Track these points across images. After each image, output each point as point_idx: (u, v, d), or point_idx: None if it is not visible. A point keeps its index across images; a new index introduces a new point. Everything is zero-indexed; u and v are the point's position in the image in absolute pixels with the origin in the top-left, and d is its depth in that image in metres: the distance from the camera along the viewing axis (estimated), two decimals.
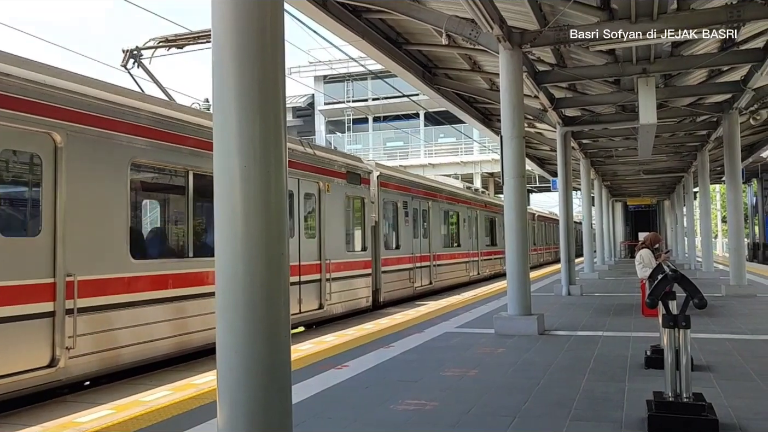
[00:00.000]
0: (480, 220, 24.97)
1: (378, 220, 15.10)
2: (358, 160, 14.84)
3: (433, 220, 19.30)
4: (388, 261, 15.68)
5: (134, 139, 7.80)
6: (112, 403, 5.27)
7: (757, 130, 19.16)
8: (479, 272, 24.17)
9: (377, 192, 15.18)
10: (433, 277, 18.85)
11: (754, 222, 47.37)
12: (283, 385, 3.14)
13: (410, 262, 17.18)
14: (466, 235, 22.98)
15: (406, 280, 16.91)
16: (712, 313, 10.31)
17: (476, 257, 23.95)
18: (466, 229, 22.94)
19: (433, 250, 19.06)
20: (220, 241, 3.10)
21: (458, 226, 22.31)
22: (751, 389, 5.38)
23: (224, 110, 3.13)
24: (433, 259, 18.92)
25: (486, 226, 26.44)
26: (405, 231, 17.01)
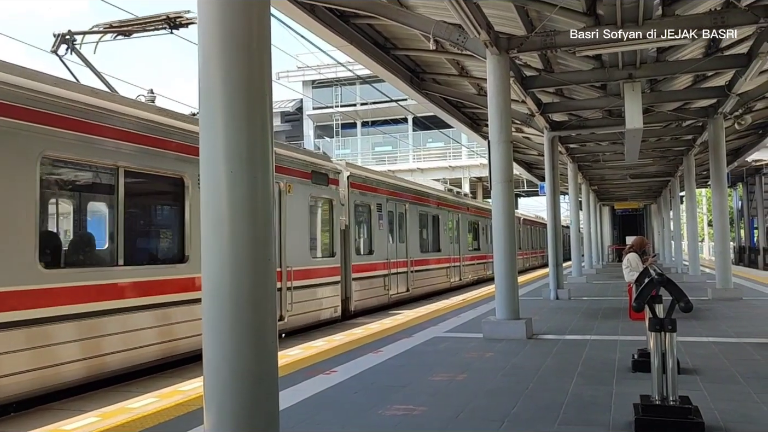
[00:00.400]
0: (462, 223, 24.25)
1: (349, 223, 14.18)
2: (326, 159, 13.89)
3: (410, 223, 18.44)
4: (360, 267, 14.77)
5: (46, 129, 6.86)
6: (98, 411, 5.22)
7: (741, 135, 19.35)
8: (461, 278, 23.47)
9: (348, 193, 14.25)
10: (411, 283, 18.00)
11: (740, 226, 47.83)
12: (270, 390, 3.13)
13: (385, 269, 16.24)
14: (447, 240, 22.18)
15: (381, 288, 15.97)
16: (698, 317, 10.38)
17: (458, 262, 23.16)
18: (447, 233, 22.17)
19: (411, 256, 18.22)
20: (206, 246, 3.08)
21: (438, 230, 21.47)
22: (737, 392, 5.41)
23: (211, 115, 3.12)
24: (410, 264, 18.10)
25: (469, 230, 25.74)
26: (379, 235, 16.11)
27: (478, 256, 26.32)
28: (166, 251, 9.15)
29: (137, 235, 8.63)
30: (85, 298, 7.18)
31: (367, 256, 15.42)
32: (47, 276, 6.76)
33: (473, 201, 28.90)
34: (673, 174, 25.97)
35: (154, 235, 9.21)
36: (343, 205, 14.02)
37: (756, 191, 41.25)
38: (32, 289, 6.57)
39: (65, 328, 6.94)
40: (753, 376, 6.03)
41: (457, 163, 44.01)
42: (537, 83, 12.33)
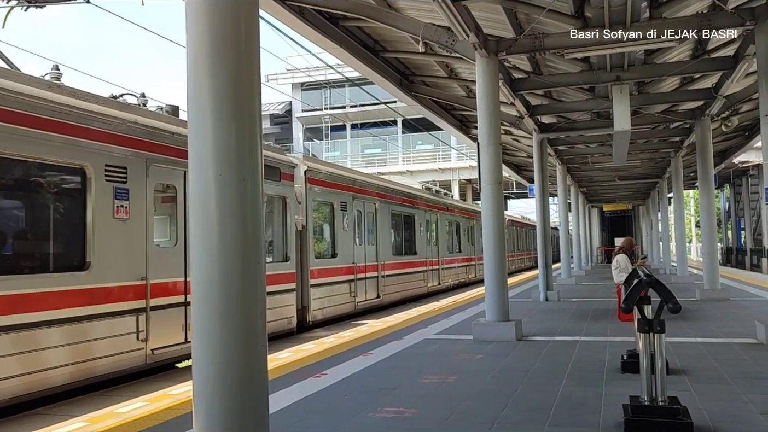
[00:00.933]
0: (441, 224, 22.98)
1: (306, 223, 12.82)
2: (278, 152, 12.27)
3: (381, 224, 17.00)
4: (320, 273, 13.37)
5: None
6: (86, 416, 5.18)
7: (728, 137, 19.50)
8: (440, 282, 22.14)
9: (305, 190, 12.84)
10: (382, 289, 16.52)
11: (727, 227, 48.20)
12: (259, 394, 3.12)
13: (351, 273, 14.86)
14: (424, 242, 20.85)
15: (346, 295, 14.58)
16: (686, 317, 10.45)
17: (436, 266, 21.88)
18: (423, 234, 20.80)
19: (382, 259, 16.77)
20: (195, 249, 3.07)
21: (414, 231, 20.12)
22: (725, 392, 5.45)
23: (199, 118, 3.11)
24: (381, 268, 16.66)
25: (449, 231, 24.48)
26: (344, 237, 14.73)
27: (459, 258, 25.15)
28: (60, 257, 7.52)
29: (13, 238, 7.20)
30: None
31: (329, 260, 14.09)
32: None
33: (454, 201, 27.77)
34: (661, 176, 26.14)
35: (39, 238, 7.41)
36: (300, 203, 12.68)
37: (743, 192, 41.60)
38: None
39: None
40: (741, 376, 6.07)
41: (447, 165, 44.10)
42: (526, 85, 12.37)
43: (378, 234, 16.77)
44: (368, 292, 15.87)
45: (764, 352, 7.36)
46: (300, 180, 12.81)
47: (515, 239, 36.74)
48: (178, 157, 8.65)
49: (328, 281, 13.72)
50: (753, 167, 35.32)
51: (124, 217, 7.90)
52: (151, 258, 8.29)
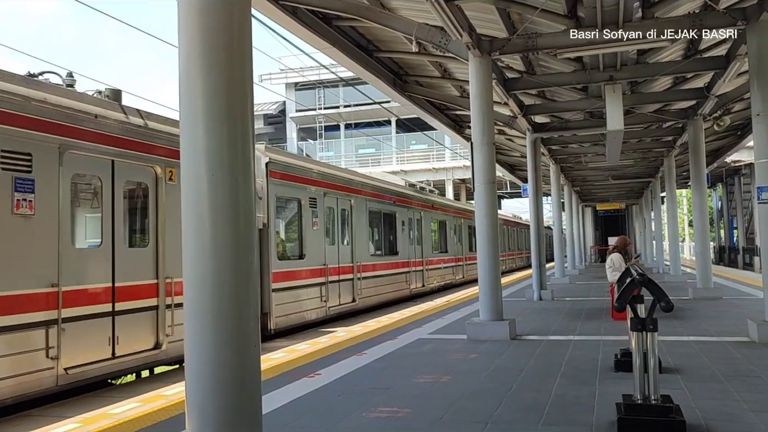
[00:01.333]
0: (425, 222, 21.52)
1: (268, 221, 11.51)
2: None
3: (357, 222, 15.61)
4: (284, 275, 12.00)
5: None
6: (79, 417, 5.16)
7: (721, 136, 19.60)
8: (424, 284, 20.81)
9: (266, 184, 11.57)
10: (358, 293, 15.13)
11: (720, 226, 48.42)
12: (252, 394, 3.11)
13: (321, 276, 13.51)
14: (406, 241, 19.39)
15: (316, 299, 13.22)
16: (679, 316, 10.49)
17: (420, 266, 20.48)
18: (405, 233, 19.36)
19: (359, 260, 15.38)
20: (187, 249, 3.06)
21: (395, 229, 18.68)
22: (717, 390, 5.47)
23: (192, 117, 3.10)
24: (357, 270, 15.22)
25: (434, 230, 23.03)
26: (313, 236, 13.36)
27: (445, 259, 23.75)
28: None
29: None
30: None
31: (295, 262, 12.70)
32: None
33: (440, 198, 26.01)
34: (654, 175, 26.23)
35: None
36: (261, 198, 11.40)
37: (735, 191, 41.79)
38: None
39: None
40: (733, 374, 6.10)
41: (441, 165, 44.10)
42: (519, 85, 12.40)
43: (354, 233, 15.40)
44: (342, 296, 14.53)
45: (756, 350, 7.39)
46: (261, 173, 11.56)
47: (506, 238, 35.88)
48: (105, 144, 7.67)
49: (293, 285, 12.32)
50: (745, 166, 35.50)
51: (27, 213, 6.72)
52: (65, 261, 7.12)
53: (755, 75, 8.38)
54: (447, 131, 17.90)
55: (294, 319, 12.26)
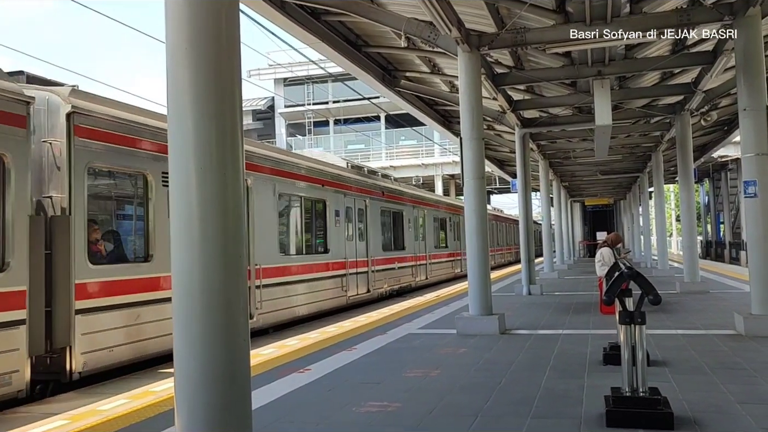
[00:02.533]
0: (373, 213, 17.43)
1: (72, 204, 7.46)
2: None
3: (260, 211, 11.39)
4: (106, 287, 7.91)
5: None
6: (67, 413, 5.13)
7: (708, 131, 19.72)
8: (369, 289, 16.64)
9: (70, 147, 7.48)
10: (256, 306, 10.80)
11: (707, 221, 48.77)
12: (242, 390, 3.10)
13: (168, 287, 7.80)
14: (341, 237, 15.22)
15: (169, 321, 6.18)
16: (667, 310, 10.56)
17: (364, 267, 16.46)
18: (341, 226, 15.22)
19: (261, 261, 11.11)
20: (176, 244, 3.04)
21: (325, 222, 14.51)
22: (704, 383, 5.52)
23: (179, 112, 3.08)
24: (259, 275, 11.01)
25: (386, 223, 19.01)
26: (166, 229, 8.66)
27: (401, 257, 19.65)
28: None
29: None
30: None
31: (134, 267, 8.47)
32: None
33: (397, 185, 21.17)
34: (642, 170, 26.38)
35: None
36: (60, 168, 7.49)
37: (722, 187, 42.11)
38: None
39: None
40: (720, 366, 6.15)
41: (430, 161, 44.11)
42: (508, 80, 12.41)
43: (255, 226, 11.15)
44: None
45: (743, 343, 7.46)
46: (58, 128, 7.60)
47: (494, 233, 34.31)
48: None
49: (123, 302, 8.09)
50: (732, 161, 35.76)
51: None
52: None
53: (742, 70, 8.44)
54: (436, 127, 17.90)
55: (119, 355, 8.07)
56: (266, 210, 11.85)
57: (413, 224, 21.34)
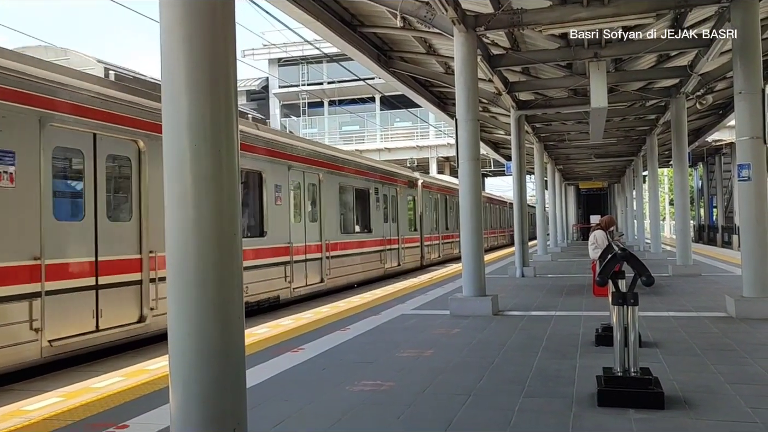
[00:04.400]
0: (328, 189, 15.03)
1: None
2: None
3: (149, 183, 8.80)
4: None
5: None
6: (61, 390, 5.15)
7: (703, 115, 19.73)
8: (323, 278, 14.44)
9: None
10: (148, 307, 8.63)
11: (700, 204, 49.01)
12: (236, 368, 3.11)
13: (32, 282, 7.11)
14: (283, 217, 12.91)
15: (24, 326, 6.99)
16: (659, 292, 10.63)
17: (317, 254, 14.29)
18: (283, 204, 12.89)
19: (155, 247, 8.74)
20: (170, 221, 3.03)
21: (262, 199, 12.22)
22: (695, 363, 5.57)
23: (174, 89, 3.05)
24: (153, 265, 8.71)
25: (346, 202, 16.67)
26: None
27: (360, 242, 16.97)
28: None
29: None
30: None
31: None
32: None
33: (354, 156, 18.78)
34: (637, 153, 26.40)
35: None
36: None
37: (715, 171, 42.24)
38: None
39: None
40: (710, 348, 6.21)
41: (425, 143, 44.03)
42: (504, 62, 12.35)
43: (144, 202, 8.82)
44: (124, 308, 8.36)
45: (733, 325, 7.53)
46: None
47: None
48: None
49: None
50: (726, 146, 35.84)
51: None
52: None
53: (738, 53, 8.42)
54: (431, 108, 17.82)
55: None
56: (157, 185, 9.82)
57: (386, 205, 19.38)
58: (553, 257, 21.11)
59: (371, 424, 4.10)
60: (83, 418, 4.34)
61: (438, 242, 25.55)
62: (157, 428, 4.05)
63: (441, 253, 25.68)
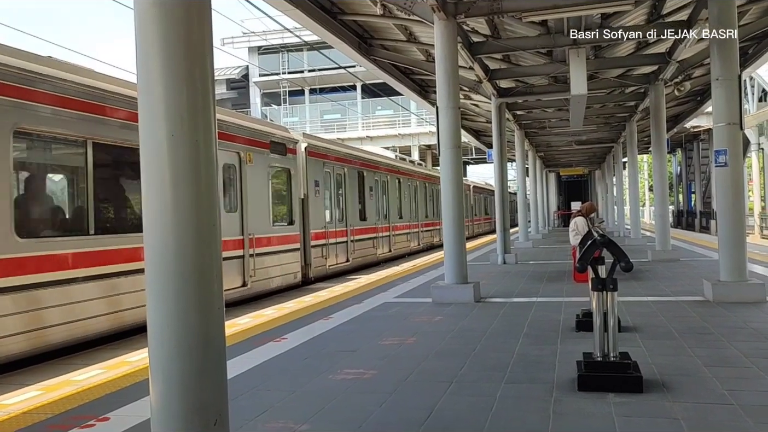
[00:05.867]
0: (257, 176, 12.56)
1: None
2: None
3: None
4: None
5: None
6: (40, 384, 5.10)
7: (681, 102, 19.91)
8: (245, 281, 11.69)
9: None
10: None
11: (679, 190, 49.56)
12: (217, 358, 3.09)
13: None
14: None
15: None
16: (638, 277, 10.75)
17: (238, 250, 11.65)
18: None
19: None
20: (148, 212, 3.00)
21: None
22: (673, 347, 5.65)
23: (149, 77, 3.00)
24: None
25: (278, 191, 13.86)
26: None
27: (277, 237, 13.28)
28: None
29: None
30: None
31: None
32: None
33: (278, 128, 15.10)
34: (616, 140, 26.61)
35: None
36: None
37: (694, 157, 42.73)
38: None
39: None
40: (688, 331, 6.30)
41: (407, 131, 44.00)
42: (484, 49, 12.35)
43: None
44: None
45: (710, 309, 7.64)
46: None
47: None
48: None
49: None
50: (704, 132, 36.24)
51: None
52: None
53: (715, 40, 8.48)
54: (412, 96, 17.78)
55: None
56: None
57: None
58: (535, 244, 21.25)
59: (354, 413, 4.11)
60: (63, 411, 4.31)
61: (343, 240, 17.09)
62: (139, 420, 4.03)
63: (350, 255, 17.39)
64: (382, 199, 20.76)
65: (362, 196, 19.11)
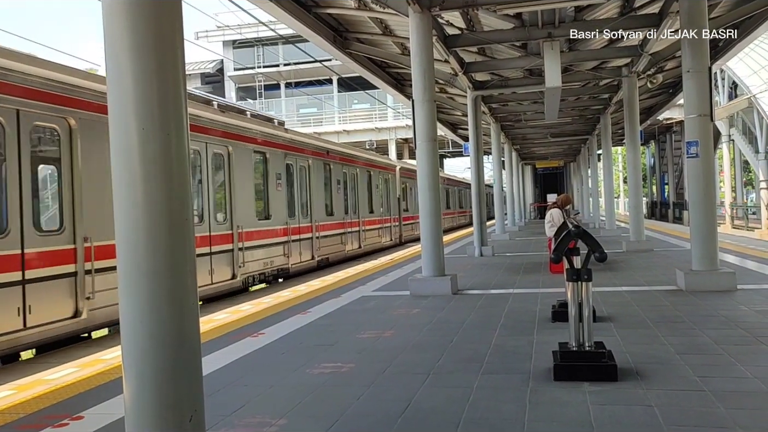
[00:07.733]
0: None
1: None
2: None
3: None
4: None
5: None
6: (12, 383, 5.01)
7: (654, 94, 20.15)
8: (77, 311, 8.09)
9: None
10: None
11: (652, 182, 50.21)
12: (192, 354, 3.06)
13: None
14: None
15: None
16: (613, 268, 10.88)
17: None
18: None
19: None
20: (119, 207, 2.95)
21: None
22: (646, 336, 5.73)
23: (119, 70, 2.95)
24: None
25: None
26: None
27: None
28: None
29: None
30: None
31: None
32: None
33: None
34: (591, 132, 26.85)
35: None
36: None
37: (666, 149, 43.31)
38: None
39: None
40: (661, 320, 6.40)
41: (384, 125, 43.93)
42: (459, 42, 12.37)
43: None
44: None
45: (683, 297, 7.76)
46: None
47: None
48: None
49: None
50: (676, 124, 36.72)
51: None
52: None
53: (686, 33, 8.58)
54: (389, 90, 17.75)
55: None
56: None
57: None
58: (511, 236, 21.38)
59: (331, 406, 4.10)
60: (36, 410, 4.24)
61: (229, 250, 12.35)
62: (114, 418, 3.98)
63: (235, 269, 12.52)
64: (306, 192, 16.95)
65: (266, 188, 14.50)
